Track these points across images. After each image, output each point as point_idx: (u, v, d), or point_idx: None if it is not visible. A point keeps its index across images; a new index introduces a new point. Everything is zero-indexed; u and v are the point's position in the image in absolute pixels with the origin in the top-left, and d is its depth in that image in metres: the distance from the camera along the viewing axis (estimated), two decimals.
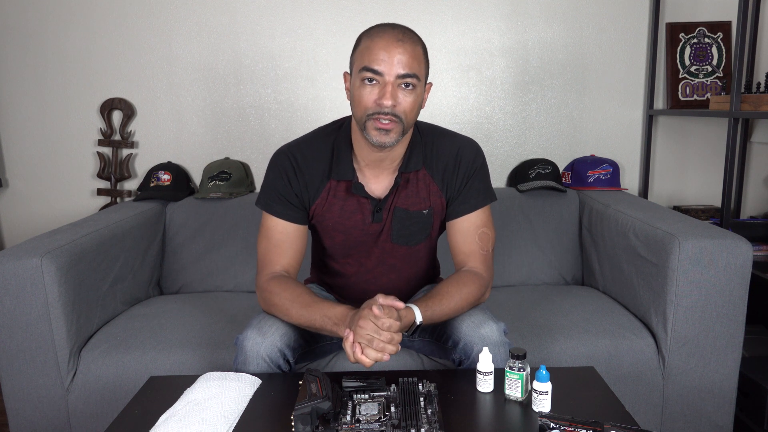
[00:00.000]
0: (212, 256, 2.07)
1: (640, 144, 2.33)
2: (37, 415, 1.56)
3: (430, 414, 1.02)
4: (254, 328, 1.22)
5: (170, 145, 2.30)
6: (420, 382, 1.12)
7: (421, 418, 1.01)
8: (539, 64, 2.26)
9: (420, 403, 1.05)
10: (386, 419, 1.01)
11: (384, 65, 1.14)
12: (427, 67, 1.22)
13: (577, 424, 0.94)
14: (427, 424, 0.99)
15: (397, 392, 1.09)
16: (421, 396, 1.08)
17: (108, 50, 2.24)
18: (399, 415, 1.02)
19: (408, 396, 1.07)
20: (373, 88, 1.16)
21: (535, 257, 2.07)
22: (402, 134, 1.19)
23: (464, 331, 1.22)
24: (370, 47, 1.16)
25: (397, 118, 1.17)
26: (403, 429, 0.98)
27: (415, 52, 1.17)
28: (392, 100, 1.15)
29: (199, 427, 0.98)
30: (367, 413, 1.02)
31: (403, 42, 1.15)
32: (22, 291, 1.48)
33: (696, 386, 1.57)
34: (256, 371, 1.20)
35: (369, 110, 1.17)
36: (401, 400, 1.06)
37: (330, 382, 1.05)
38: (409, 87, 1.16)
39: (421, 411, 1.03)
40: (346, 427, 0.99)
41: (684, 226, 1.60)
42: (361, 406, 1.04)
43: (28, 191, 2.34)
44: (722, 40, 2.24)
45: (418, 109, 1.22)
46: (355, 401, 1.06)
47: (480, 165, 1.33)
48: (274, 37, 2.24)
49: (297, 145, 1.32)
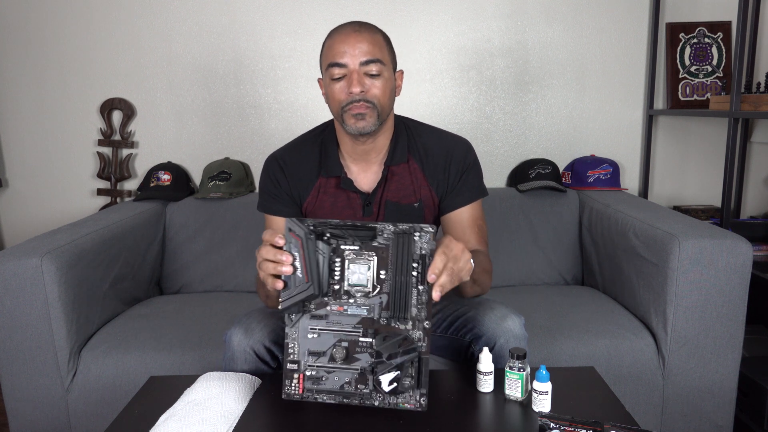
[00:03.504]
0: (212, 256, 2.07)
1: (640, 144, 2.33)
2: (37, 415, 1.56)
3: (420, 291, 0.97)
4: (241, 325, 1.24)
5: (170, 145, 2.30)
6: (416, 232, 0.98)
7: (411, 299, 0.97)
8: (539, 64, 2.26)
9: (412, 268, 0.97)
10: (375, 293, 0.99)
11: (346, 56, 1.18)
12: (391, 53, 1.25)
13: (577, 424, 0.94)
14: (416, 308, 0.97)
15: (390, 240, 0.99)
16: (414, 260, 0.98)
17: (108, 50, 2.24)
18: (389, 288, 0.98)
19: (401, 253, 0.98)
20: (341, 83, 1.20)
21: (535, 257, 2.07)
22: (378, 119, 1.22)
23: (488, 324, 1.22)
24: (331, 45, 1.21)
25: (370, 104, 1.20)
26: (391, 312, 0.98)
27: (374, 39, 1.20)
28: (360, 86, 1.18)
29: (199, 427, 0.98)
30: (356, 284, 0.99)
31: (359, 32, 1.20)
32: (22, 291, 1.48)
33: (696, 386, 1.57)
34: (243, 368, 1.20)
35: (342, 102, 1.20)
36: (393, 258, 0.98)
37: (315, 248, 0.98)
38: (374, 73, 1.19)
39: (411, 285, 0.97)
40: (336, 309, 1.00)
41: (684, 226, 1.60)
42: (351, 267, 1.00)
43: (28, 191, 2.34)
44: (722, 40, 2.24)
45: (392, 94, 1.25)
46: (344, 254, 1.00)
47: (473, 161, 1.34)
48: (274, 37, 2.24)
49: (285, 150, 1.36)
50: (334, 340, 1.01)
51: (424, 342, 0.98)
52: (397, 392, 0.99)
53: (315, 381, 1.01)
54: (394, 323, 0.99)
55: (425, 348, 0.98)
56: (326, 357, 1.00)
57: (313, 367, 1.00)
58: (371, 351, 1.00)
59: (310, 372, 1.00)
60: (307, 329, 1.01)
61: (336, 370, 1.00)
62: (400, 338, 0.98)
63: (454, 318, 1.30)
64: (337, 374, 1.00)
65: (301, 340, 1.01)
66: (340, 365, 1.00)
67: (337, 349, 1.00)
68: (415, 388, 0.98)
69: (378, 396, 1.00)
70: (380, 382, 0.98)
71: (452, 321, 1.31)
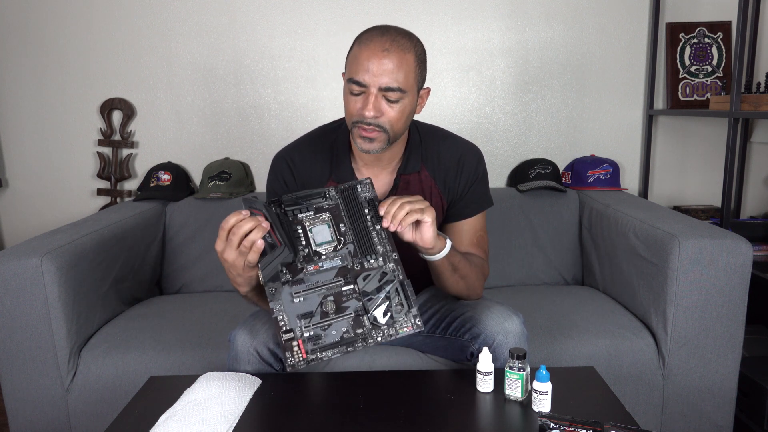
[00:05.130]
0: (212, 256, 2.06)
1: (640, 144, 2.33)
2: (37, 415, 1.56)
3: (378, 230, 1.09)
4: (246, 326, 1.24)
5: (170, 145, 2.30)
6: (358, 185, 1.13)
7: (373, 239, 1.08)
8: (539, 64, 2.26)
9: (365, 213, 1.10)
10: (342, 246, 1.07)
11: (367, 76, 1.12)
12: (420, 73, 1.19)
13: (577, 424, 0.94)
14: (380, 245, 1.08)
15: (337, 199, 1.11)
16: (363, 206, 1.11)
17: (108, 50, 2.24)
18: (351, 237, 1.08)
19: (351, 206, 1.11)
20: (358, 98, 1.16)
21: (535, 257, 2.07)
22: (388, 142, 1.19)
23: (486, 323, 1.21)
24: (357, 56, 1.15)
25: (381, 128, 1.16)
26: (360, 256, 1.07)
27: (402, 62, 1.13)
28: (374, 112, 1.14)
29: (199, 427, 0.98)
30: (322, 242, 1.08)
31: (389, 52, 1.12)
32: (22, 291, 1.48)
33: (696, 386, 1.57)
34: (247, 369, 1.20)
35: (354, 118, 1.17)
36: (346, 212, 1.10)
37: (277, 219, 1.06)
38: (393, 99, 1.14)
39: (369, 227, 1.09)
40: (312, 269, 1.05)
41: (684, 226, 1.60)
42: (313, 230, 1.08)
43: (28, 191, 2.34)
44: (722, 40, 2.24)
45: (409, 118, 1.21)
46: (303, 221, 1.09)
47: (482, 172, 1.34)
48: (273, 37, 2.24)
49: (295, 147, 1.33)
50: (319, 299, 1.04)
51: (399, 270, 1.07)
52: (393, 321, 1.04)
53: (315, 341, 1.02)
54: (366, 263, 1.07)
55: (401, 274, 1.06)
56: (318, 315, 1.03)
57: (309, 328, 1.02)
58: (357, 296, 1.05)
59: (307, 333, 1.02)
60: (291, 297, 1.03)
61: (332, 323, 1.03)
62: (377, 273, 1.06)
63: (451, 319, 1.29)
64: (334, 327, 1.03)
65: (288, 308, 1.03)
66: (334, 317, 1.03)
67: (326, 304, 1.03)
68: (407, 311, 1.04)
69: (378, 332, 1.03)
70: (376, 317, 1.04)
71: (450, 321, 1.31)
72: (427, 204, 1.09)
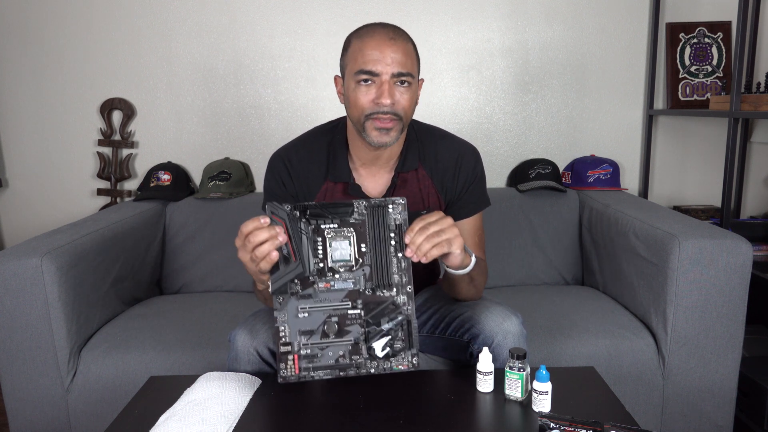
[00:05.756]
0: (212, 256, 2.07)
1: (640, 144, 2.33)
2: (37, 415, 1.56)
3: (400, 258, 1.04)
4: (246, 325, 1.23)
5: (170, 145, 2.30)
6: (390, 204, 1.05)
7: (392, 267, 1.03)
8: (539, 64, 2.26)
9: (390, 237, 1.04)
10: (358, 267, 1.03)
11: (379, 65, 1.14)
12: (419, 63, 1.22)
13: (577, 424, 0.94)
14: (397, 275, 1.03)
15: (365, 216, 1.05)
16: (390, 230, 1.05)
17: (108, 50, 2.24)
18: (370, 260, 1.03)
19: (377, 226, 1.05)
20: (369, 88, 1.15)
21: (535, 257, 2.07)
22: (401, 132, 1.20)
23: (485, 323, 1.21)
24: (362, 48, 1.15)
25: (397, 116, 1.17)
26: (374, 283, 1.03)
27: (407, 50, 1.17)
28: (390, 99, 1.14)
29: (199, 427, 0.98)
30: (339, 260, 1.04)
31: (395, 40, 1.15)
32: (22, 291, 1.48)
33: (696, 386, 1.57)
34: (246, 369, 1.20)
35: (367, 110, 1.16)
36: (371, 232, 1.04)
37: (298, 230, 1.03)
38: (405, 84, 1.16)
39: (391, 253, 1.04)
40: (323, 287, 1.03)
41: (684, 226, 1.60)
42: (333, 245, 1.04)
43: (28, 191, 2.34)
44: (722, 40, 2.24)
45: (414, 107, 1.22)
46: (324, 233, 1.04)
47: (480, 173, 1.34)
48: (273, 37, 2.24)
49: (292, 147, 1.33)
50: (323, 317, 1.03)
51: (409, 305, 1.04)
52: (390, 356, 1.03)
53: (310, 359, 1.02)
54: (379, 292, 1.04)
55: (411, 311, 1.04)
56: (318, 335, 1.02)
57: (307, 346, 1.02)
58: (361, 322, 1.03)
59: (304, 351, 1.02)
60: (296, 310, 1.03)
61: (330, 345, 1.02)
62: (387, 305, 1.03)
63: (450, 319, 1.29)
64: (331, 349, 1.02)
65: (292, 321, 1.02)
66: (333, 340, 1.02)
67: (328, 325, 1.03)
68: (407, 349, 1.03)
69: (373, 363, 1.03)
70: (374, 349, 1.02)
71: (449, 322, 1.30)
72: (456, 233, 1.06)
